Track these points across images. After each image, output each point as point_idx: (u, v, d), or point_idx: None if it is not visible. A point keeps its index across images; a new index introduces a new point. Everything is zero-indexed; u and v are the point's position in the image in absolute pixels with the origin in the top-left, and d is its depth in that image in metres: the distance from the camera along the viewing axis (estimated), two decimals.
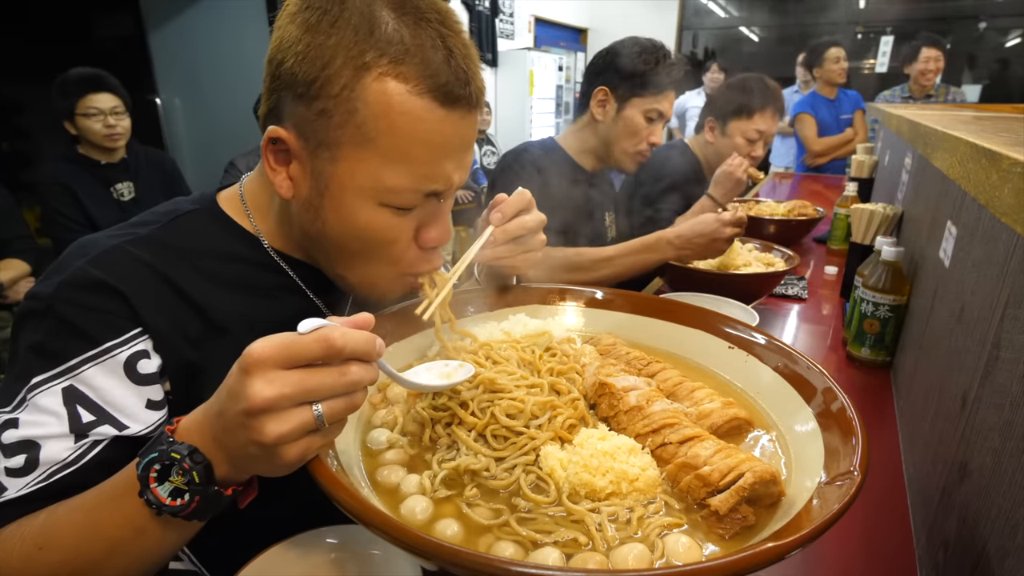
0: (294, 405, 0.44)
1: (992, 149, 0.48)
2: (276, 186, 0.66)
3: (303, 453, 0.46)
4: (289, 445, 0.45)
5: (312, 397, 0.45)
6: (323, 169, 0.63)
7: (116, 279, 0.62)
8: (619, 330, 0.83)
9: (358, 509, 0.41)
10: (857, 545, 0.73)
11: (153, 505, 0.48)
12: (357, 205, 0.63)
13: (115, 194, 2.35)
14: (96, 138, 2.25)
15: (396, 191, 0.63)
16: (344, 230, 0.65)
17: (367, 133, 0.60)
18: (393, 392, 0.66)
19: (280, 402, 0.43)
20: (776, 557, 0.37)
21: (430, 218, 0.68)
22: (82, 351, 0.60)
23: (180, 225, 0.71)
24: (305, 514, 0.59)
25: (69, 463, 0.58)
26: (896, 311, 1.12)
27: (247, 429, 0.44)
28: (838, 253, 1.98)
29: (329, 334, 0.44)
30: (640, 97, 1.54)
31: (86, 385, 0.59)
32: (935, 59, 3.54)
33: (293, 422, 0.44)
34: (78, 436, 0.58)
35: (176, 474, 0.47)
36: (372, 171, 0.62)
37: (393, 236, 0.66)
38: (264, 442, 0.44)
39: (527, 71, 6.10)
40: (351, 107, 0.59)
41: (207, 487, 0.48)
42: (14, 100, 4.28)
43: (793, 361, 0.65)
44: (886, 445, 0.94)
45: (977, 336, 0.62)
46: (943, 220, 0.90)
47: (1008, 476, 0.47)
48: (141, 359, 0.62)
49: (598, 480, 0.51)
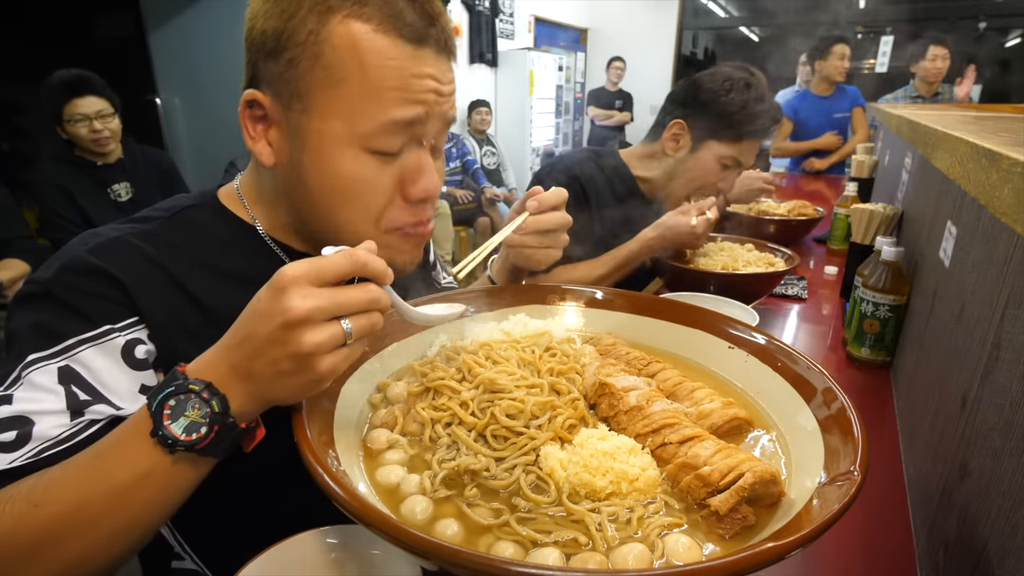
0: (327, 319, 0.48)
1: (992, 149, 0.48)
2: (258, 155, 0.67)
3: (333, 365, 0.49)
4: (322, 356, 0.48)
5: (343, 311, 0.49)
6: (299, 123, 0.64)
7: (116, 268, 0.63)
8: (619, 330, 0.83)
9: (358, 509, 0.41)
10: (857, 545, 0.73)
11: (168, 440, 0.48)
12: (336, 154, 0.64)
13: (112, 195, 2.34)
14: (84, 143, 2.24)
15: (372, 132, 0.63)
16: (326, 184, 0.66)
17: (335, 75, 0.61)
18: (393, 392, 0.66)
19: (316, 314, 0.47)
20: (776, 557, 0.37)
21: (414, 169, 0.67)
22: (80, 331, 0.61)
23: (182, 220, 0.73)
24: (305, 514, 0.59)
25: (62, 440, 0.57)
26: (896, 311, 1.12)
27: (284, 343, 0.47)
28: (838, 253, 1.98)
29: (354, 252, 0.50)
30: (719, 141, 1.39)
31: (82, 365, 0.60)
32: (943, 56, 3.51)
33: (327, 333, 0.47)
34: (74, 414, 0.59)
35: (192, 408, 0.48)
36: (345, 114, 0.62)
37: (376, 186, 0.66)
38: (302, 352, 0.47)
39: (527, 71, 6.10)
40: (317, 51, 0.61)
41: (224, 417, 0.49)
42: (14, 100, 4.28)
43: (793, 361, 0.65)
44: (886, 445, 0.94)
45: (977, 336, 0.62)
46: (943, 220, 0.90)
47: (1008, 476, 0.47)
48: (137, 345, 0.64)
49: (598, 480, 0.51)
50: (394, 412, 0.63)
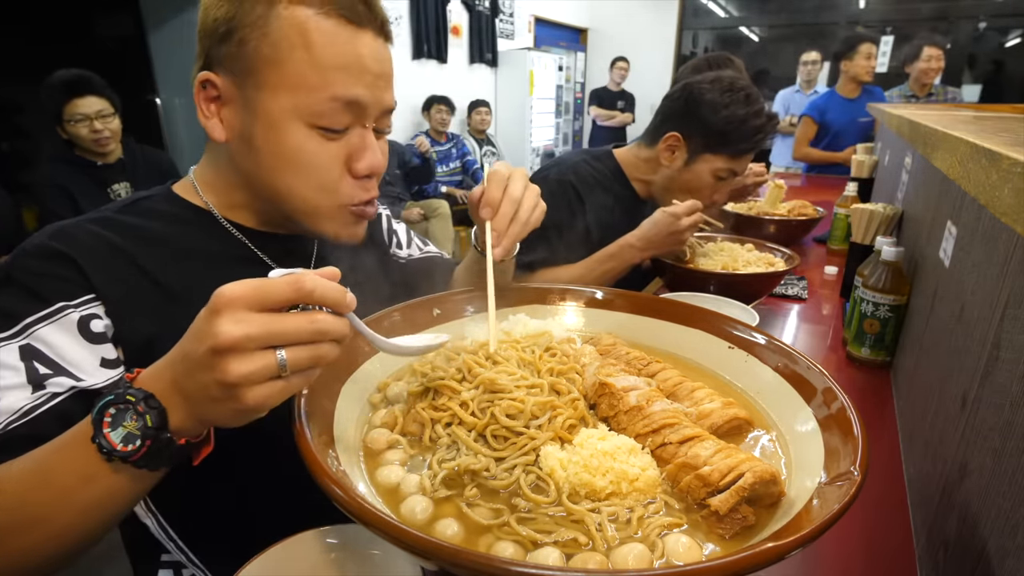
0: (259, 347, 0.44)
1: (992, 149, 0.48)
2: (210, 131, 0.71)
3: (264, 399, 0.45)
4: (251, 388, 0.44)
5: (278, 341, 0.45)
6: (251, 97, 0.68)
7: (71, 249, 0.67)
8: (619, 330, 0.83)
9: (358, 509, 0.41)
10: (857, 545, 0.73)
11: (104, 450, 0.47)
12: (285, 129, 0.68)
13: (112, 195, 2.34)
14: (84, 143, 2.24)
15: (315, 107, 0.67)
16: (275, 154, 0.70)
17: (281, 53, 0.66)
18: (393, 392, 0.66)
19: (246, 342, 0.43)
20: (776, 557, 0.37)
21: (358, 147, 0.72)
22: (35, 311, 0.63)
23: (137, 208, 0.77)
24: (305, 514, 0.59)
25: (25, 412, 0.59)
26: (896, 311, 1.12)
27: (211, 369, 0.44)
28: (838, 253, 1.98)
29: (300, 278, 0.45)
30: (716, 155, 1.38)
31: (41, 342, 0.62)
32: (937, 58, 3.49)
33: (257, 364, 0.44)
34: (35, 387, 0.60)
35: (130, 419, 0.47)
36: (292, 90, 0.67)
37: (322, 162, 0.70)
38: (227, 381, 0.44)
39: (527, 71, 6.10)
40: (266, 30, 0.66)
41: (159, 432, 0.47)
42: (14, 100, 4.28)
43: (793, 361, 0.65)
44: (886, 445, 0.94)
45: (977, 336, 0.62)
46: (943, 220, 0.90)
47: (1008, 476, 0.47)
48: (93, 320, 0.65)
49: (598, 480, 0.51)
50: (394, 412, 0.63)
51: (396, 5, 4.93)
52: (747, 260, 1.48)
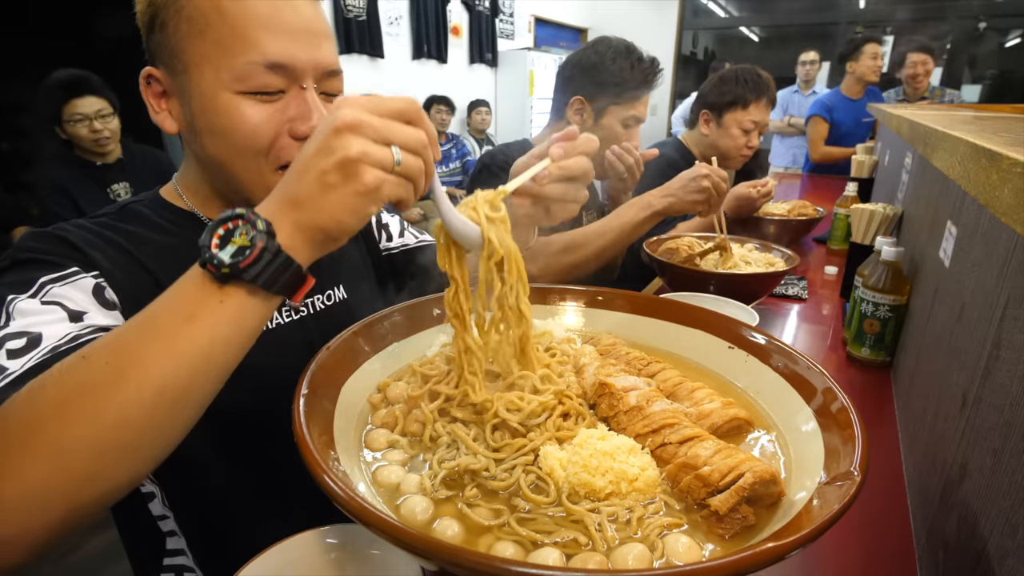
0: (377, 139, 0.49)
1: (992, 149, 0.48)
2: (161, 125, 0.72)
3: (380, 180, 0.49)
4: (370, 168, 0.48)
5: (393, 138, 0.49)
6: (183, 82, 0.69)
7: (70, 236, 0.68)
8: (619, 330, 0.83)
9: (358, 509, 0.41)
10: (857, 545, 0.73)
11: (215, 262, 0.46)
12: (214, 100, 0.67)
13: (112, 195, 2.35)
14: (84, 143, 2.24)
15: (240, 73, 0.66)
16: (213, 130, 0.69)
17: (197, 24, 0.66)
18: (393, 392, 0.66)
19: (366, 126, 0.48)
20: (776, 557, 0.37)
21: (299, 108, 0.70)
22: (49, 273, 0.63)
23: (127, 212, 0.78)
24: (305, 514, 0.59)
25: (74, 338, 0.57)
26: (896, 311, 1.12)
27: (331, 152, 0.47)
28: (838, 253, 1.98)
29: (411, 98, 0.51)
30: (617, 105, 1.52)
31: (61, 296, 0.62)
32: (922, 63, 3.49)
33: (375, 148, 0.48)
34: (74, 319, 0.60)
35: (240, 234, 0.47)
36: (215, 60, 0.66)
37: (257, 125, 0.68)
38: (349, 155, 0.47)
39: (527, 71, 6.10)
40: (179, 7, 0.66)
41: (270, 239, 0.47)
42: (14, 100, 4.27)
43: (793, 361, 0.65)
44: (886, 445, 0.94)
45: (977, 336, 0.62)
46: (943, 220, 0.90)
47: (1008, 476, 0.47)
48: (105, 290, 0.66)
49: (598, 480, 0.51)
50: (394, 412, 0.63)
51: (396, 5, 4.93)
52: (747, 260, 1.48)
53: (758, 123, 1.94)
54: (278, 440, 0.72)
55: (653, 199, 1.35)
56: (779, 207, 2.18)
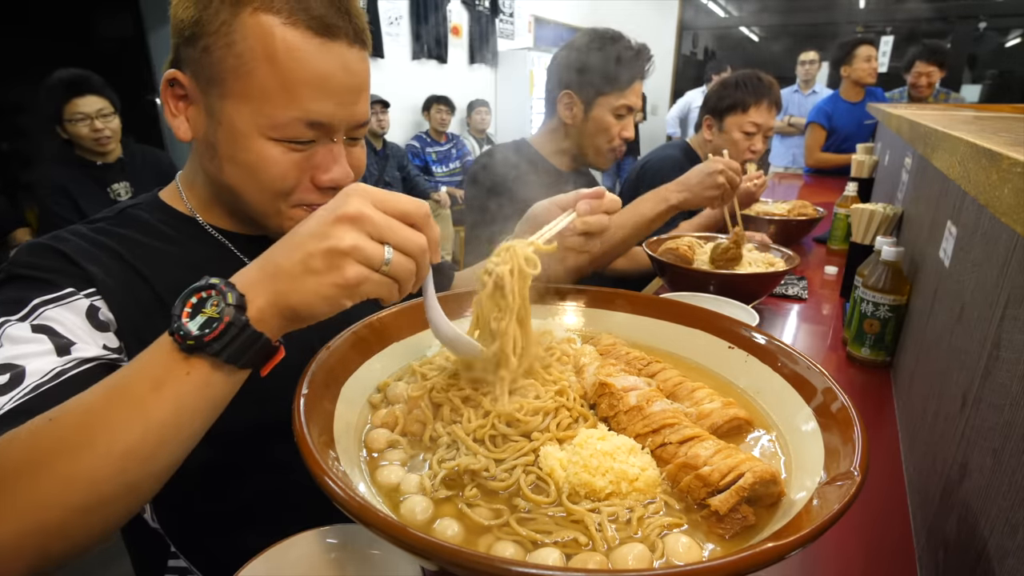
0: (374, 236, 0.49)
1: (992, 149, 0.48)
2: (175, 129, 0.70)
3: (361, 278, 0.49)
4: (355, 264, 0.48)
5: (391, 237, 0.50)
6: (214, 105, 0.67)
7: (67, 248, 0.67)
8: (619, 330, 0.83)
9: (358, 509, 0.41)
10: (857, 545, 0.73)
11: (181, 332, 0.46)
12: (247, 139, 0.67)
13: (112, 194, 2.35)
14: (85, 142, 2.24)
15: (279, 123, 0.66)
16: (235, 162, 0.69)
17: (246, 65, 0.64)
18: (393, 392, 0.66)
19: (367, 222, 0.48)
20: (776, 557, 0.37)
21: (324, 159, 0.70)
22: (44, 293, 0.62)
23: (125, 216, 0.77)
24: (305, 514, 0.59)
25: (58, 374, 0.56)
26: (896, 311, 1.12)
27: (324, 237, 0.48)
28: (838, 253, 1.98)
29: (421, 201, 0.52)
30: (606, 95, 1.51)
31: (52, 321, 0.61)
32: (928, 74, 3.48)
33: (368, 244, 0.49)
34: (61, 351, 0.59)
35: (210, 305, 0.47)
36: (256, 103, 0.65)
37: (282, 171, 0.69)
38: (340, 247, 0.47)
39: (527, 71, 6.09)
40: (229, 40, 0.64)
41: (238, 312, 0.47)
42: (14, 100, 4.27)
43: (793, 361, 0.65)
44: (886, 445, 0.93)
45: (977, 336, 0.62)
46: (943, 220, 0.90)
47: (1008, 476, 0.47)
48: (99, 310, 0.65)
49: (598, 480, 0.51)
50: (394, 412, 0.63)
51: (396, 5, 4.93)
52: (747, 260, 1.48)
53: (760, 126, 1.94)
54: (277, 441, 0.72)
55: (669, 193, 1.36)
56: (779, 207, 2.18)
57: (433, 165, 4.84)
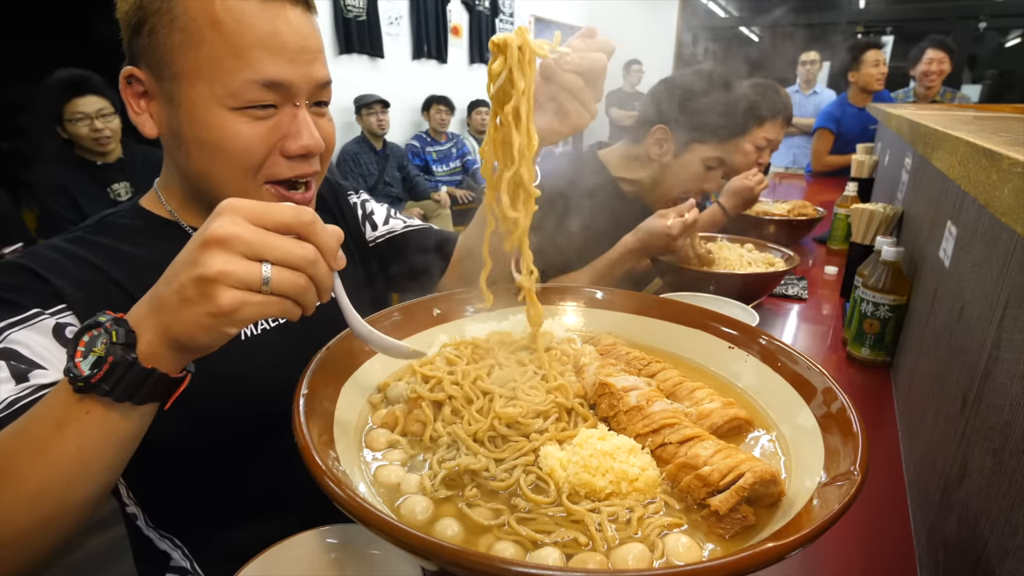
0: (247, 254, 0.44)
1: (992, 149, 0.48)
2: (141, 127, 0.70)
3: (237, 304, 0.44)
4: (227, 289, 0.44)
5: (267, 253, 0.45)
6: (171, 90, 0.67)
7: (39, 265, 0.67)
8: (619, 330, 0.83)
9: (358, 509, 0.41)
10: (857, 545, 0.73)
11: (72, 374, 0.46)
12: (206, 115, 0.66)
13: (112, 194, 2.35)
14: (85, 142, 2.24)
15: (234, 89, 0.65)
16: (201, 143, 0.68)
17: (192, 36, 0.64)
18: (393, 392, 0.66)
19: (235, 242, 0.44)
20: (776, 557, 0.37)
21: (291, 126, 0.69)
22: (9, 316, 0.62)
23: (103, 224, 0.77)
24: (305, 514, 0.59)
25: (11, 403, 0.57)
26: (896, 311, 1.12)
27: (193, 264, 0.44)
28: (838, 253, 1.98)
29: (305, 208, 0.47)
30: (703, 143, 1.39)
31: (18, 344, 0.61)
32: (939, 60, 3.41)
33: (240, 265, 0.44)
34: (19, 379, 0.59)
35: (100, 343, 0.46)
36: (209, 75, 0.65)
37: (248, 142, 0.67)
38: (206, 275, 0.43)
39: None
40: (172, 16, 0.64)
41: (126, 351, 0.46)
42: (14, 100, 4.27)
43: (793, 361, 0.65)
44: (886, 445, 0.93)
45: (977, 336, 0.62)
46: (943, 220, 0.90)
47: (1008, 476, 0.47)
48: (68, 327, 0.65)
49: (598, 480, 0.51)
50: (394, 412, 0.63)
51: (396, 5, 4.93)
52: (747, 260, 1.48)
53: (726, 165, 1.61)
54: (276, 441, 0.72)
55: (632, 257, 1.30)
56: (779, 207, 2.18)
57: (433, 165, 4.84)
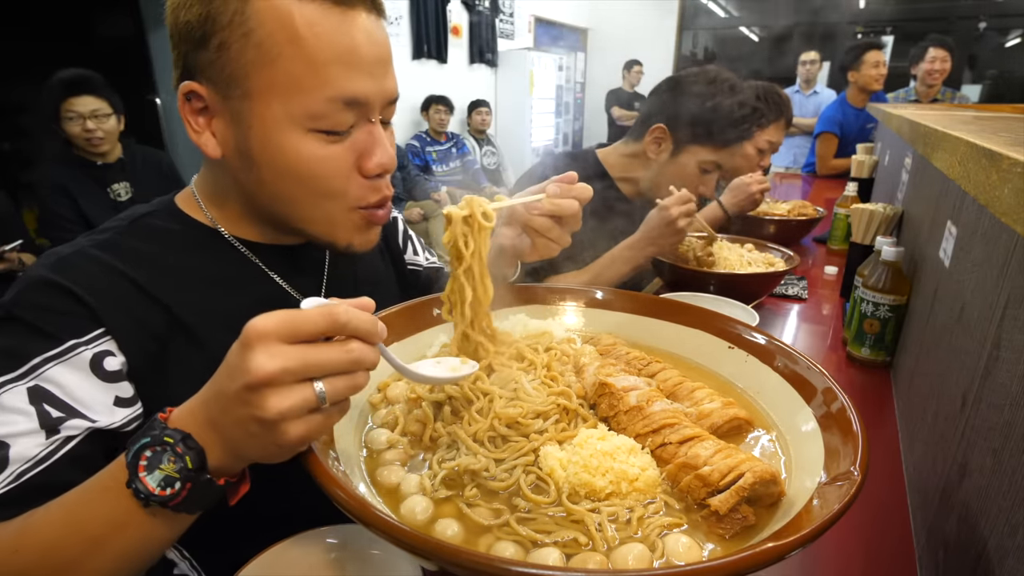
0: (296, 380, 0.43)
1: (992, 149, 0.48)
2: (203, 148, 0.65)
3: (305, 433, 0.44)
4: (291, 422, 0.43)
5: (315, 372, 0.43)
6: (240, 109, 0.62)
7: (75, 282, 0.62)
8: (619, 330, 0.83)
9: (358, 509, 0.41)
10: (857, 545, 0.73)
11: (141, 495, 0.45)
12: (283, 137, 0.62)
13: (112, 194, 2.35)
14: (77, 141, 2.25)
15: (316, 111, 0.61)
16: (278, 169, 0.64)
17: (268, 52, 0.59)
18: (393, 392, 0.66)
19: (282, 376, 0.42)
20: (776, 557, 0.37)
21: (367, 144, 0.66)
22: (45, 350, 0.59)
23: (139, 227, 0.71)
24: (305, 514, 0.59)
25: (41, 459, 0.56)
26: (896, 311, 1.12)
27: (248, 405, 0.42)
28: (838, 253, 1.98)
29: (333, 309, 0.44)
30: (702, 146, 1.38)
31: (52, 383, 0.58)
32: (942, 59, 3.40)
33: (295, 397, 0.43)
34: (49, 431, 0.57)
35: (168, 461, 0.45)
36: (286, 93, 0.60)
37: (329, 167, 0.64)
38: (266, 418, 0.42)
39: (527, 71, 6.10)
40: (246, 30, 0.59)
41: (199, 474, 0.45)
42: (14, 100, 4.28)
43: (793, 361, 0.65)
44: (886, 445, 0.93)
45: (977, 336, 0.62)
46: (943, 220, 0.90)
47: (1008, 476, 0.47)
48: (107, 357, 0.62)
49: (598, 480, 0.51)
50: (394, 412, 0.63)
51: (396, 5, 4.93)
52: (747, 260, 1.48)
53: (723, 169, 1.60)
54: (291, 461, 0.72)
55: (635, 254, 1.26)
56: (779, 207, 2.18)
57: (433, 164, 4.84)
